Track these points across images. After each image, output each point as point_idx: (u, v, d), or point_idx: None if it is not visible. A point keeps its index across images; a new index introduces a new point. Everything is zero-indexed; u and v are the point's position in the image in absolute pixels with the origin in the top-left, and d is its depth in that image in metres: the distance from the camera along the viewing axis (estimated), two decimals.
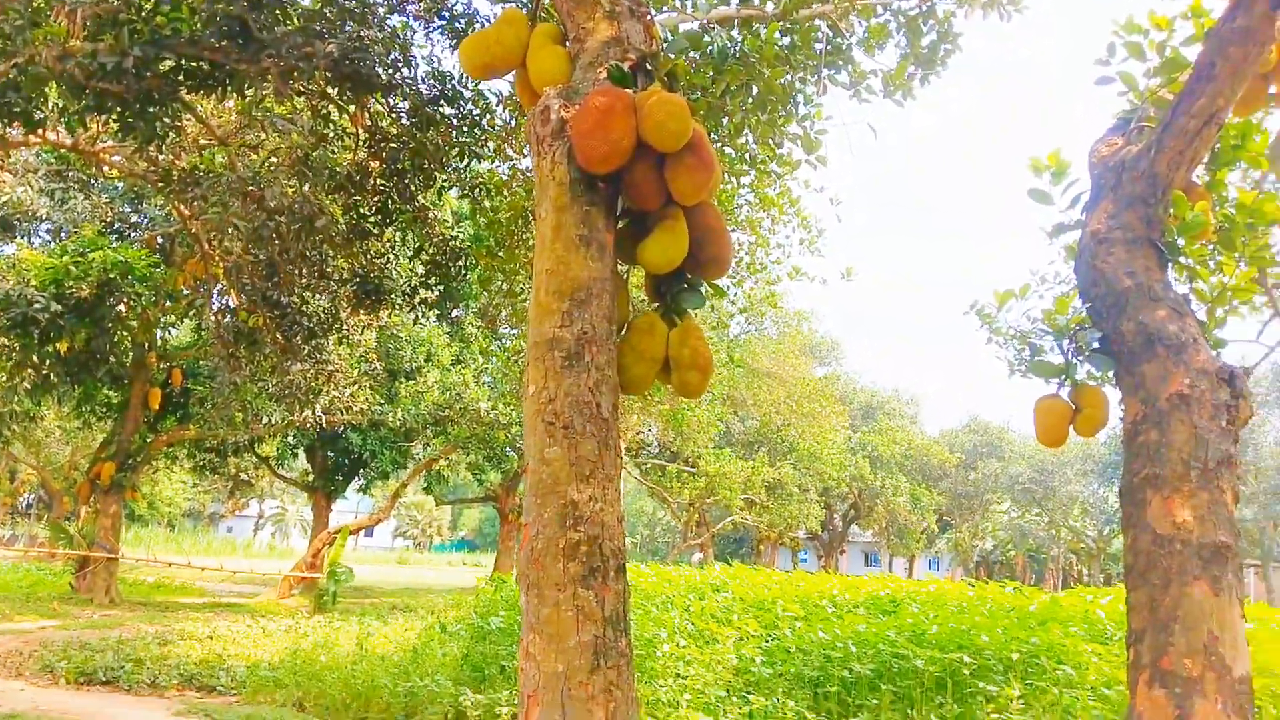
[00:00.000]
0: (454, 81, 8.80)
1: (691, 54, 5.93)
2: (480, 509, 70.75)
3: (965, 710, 7.10)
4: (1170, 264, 3.41)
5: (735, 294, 14.36)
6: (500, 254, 8.82)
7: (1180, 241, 3.43)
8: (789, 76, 6.86)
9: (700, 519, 36.43)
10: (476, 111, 8.97)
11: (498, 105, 9.10)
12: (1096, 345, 3.28)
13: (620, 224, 3.24)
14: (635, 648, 7.97)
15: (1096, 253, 3.28)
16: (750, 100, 6.70)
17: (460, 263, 10.26)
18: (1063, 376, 3.50)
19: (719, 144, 7.86)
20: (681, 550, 37.23)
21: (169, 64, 6.95)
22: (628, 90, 3.08)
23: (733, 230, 12.77)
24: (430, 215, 9.90)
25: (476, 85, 8.98)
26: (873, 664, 7.47)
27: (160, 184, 10.00)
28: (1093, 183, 3.64)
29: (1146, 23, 4.16)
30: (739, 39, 6.55)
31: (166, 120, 7.38)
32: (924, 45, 7.91)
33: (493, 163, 9.72)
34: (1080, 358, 3.47)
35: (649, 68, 3.27)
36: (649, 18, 3.51)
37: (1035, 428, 3.49)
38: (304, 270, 10.37)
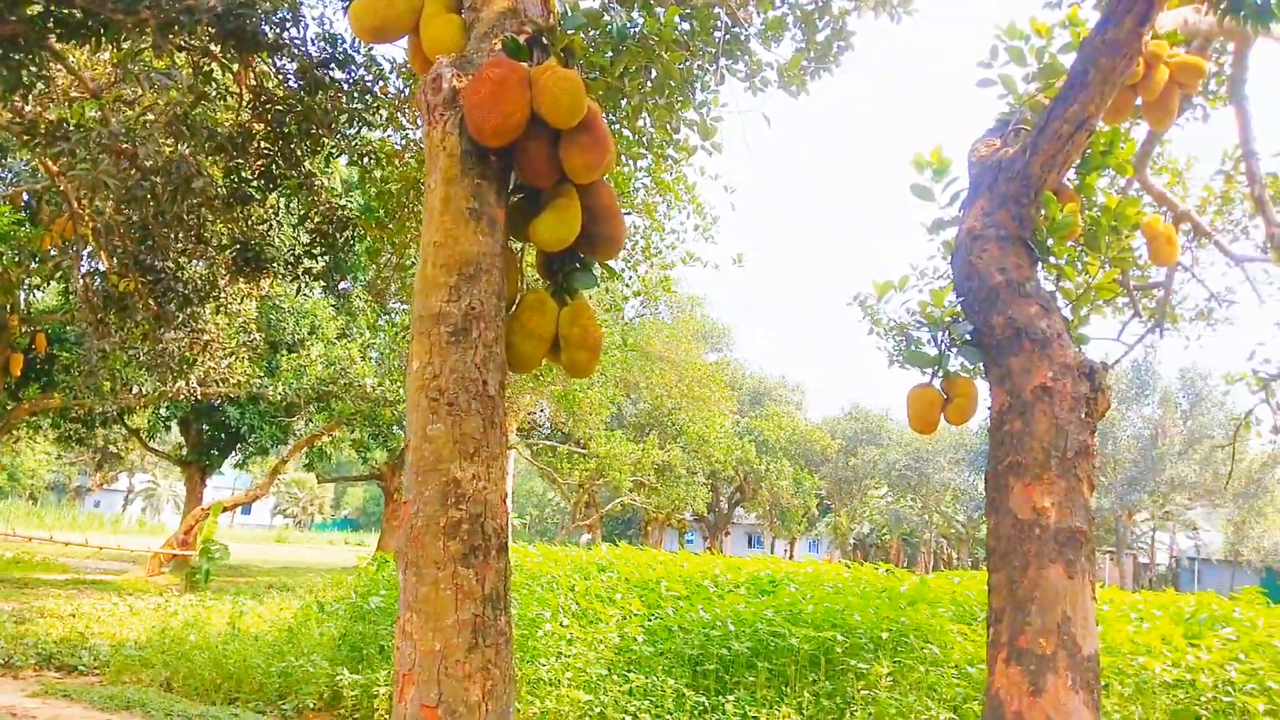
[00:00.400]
0: (345, 45, 8.50)
1: (590, 32, 5.89)
2: (365, 487, 69.19)
3: (837, 687, 7.36)
4: (1040, 262, 3.57)
5: (630, 277, 14.41)
6: (390, 226, 8.61)
7: (1050, 241, 3.60)
8: (687, 62, 6.89)
9: (590, 500, 36.58)
10: (369, 77, 8.69)
11: (391, 72, 8.84)
12: (968, 338, 3.42)
13: (513, 199, 3.20)
14: (518, 627, 7.99)
15: (971, 249, 3.41)
16: (649, 83, 6.71)
17: (348, 233, 9.95)
18: (936, 367, 3.64)
19: (617, 125, 7.85)
20: (570, 531, 37.31)
21: (37, 8, 6.50)
22: (523, 64, 3.04)
23: (628, 213, 12.78)
24: (317, 182, 9.56)
25: (369, 50, 8.69)
26: (750, 642, 7.65)
27: (25, 136, 9.35)
28: (971, 181, 3.78)
29: (1028, 29, 4.34)
30: (639, 21, 6.54)
31: (33, 69, 6.91)
32: (819, 40, 8.06)
33: (384, 131, 9.45)
34: (953, 349, 3.61)
35: (545, 42, 3.23)
36: None
37: (908, 415, 3.62)
38: (180, 234, 9.89)
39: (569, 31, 3.45)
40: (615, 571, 10.23)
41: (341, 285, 22.01)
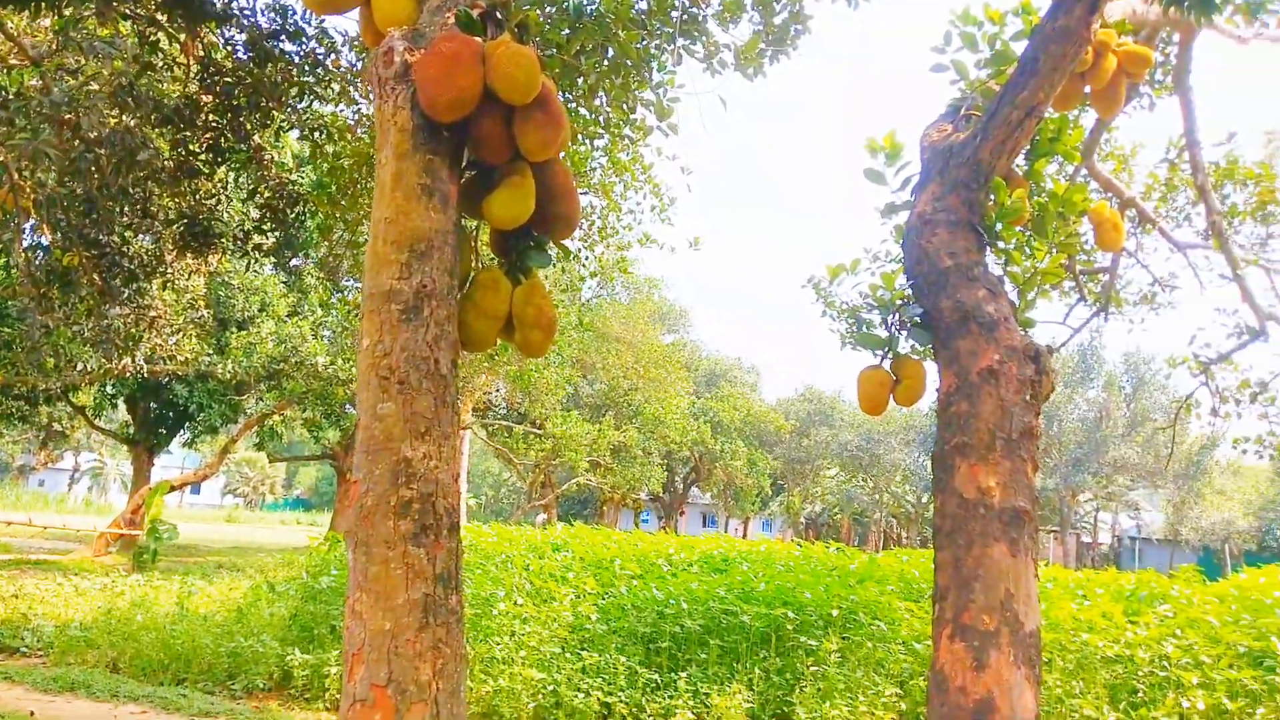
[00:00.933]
0: (296, 16, 8.32)
1: (547, 8, 5.83)
2: (317, 467, 68.47)
3: (787, 663, 7.47)
4: (988, 247, 3.63)
5: (587, 257, 14.36)
6: (343, 202, 8.48)
7: (999, 226, 3.65)
8: (644, 41, 6.86)
9: (546, 480, 36.55)
10: (320, 50, 8.52)
11: (344, 46, 8.68)
12: (918, 320, 3.46)
13: (466, 176, 3.17)
14: (472, 606, 7.98)
15: (922, 233, 3.46)
16: (605, 62, 6.68)
17: (299, 209, 9.77)
18: (885, 349, 3.69)
19: (573, 104, 7.80)
20: (526, 511, 37.28)
21: None
22: (476, 38, 3.00)
23: (585, 193, 12.73)
24: (267, 156, 9.37)
25: (321, 23, 8.53)
26: (703, 620, 7.74)
27: None
28: (923, 166, 3.82)
29: (982, 15, 4.38)
30: None
31: None
32: (776, 23, 8.06)
33: (337, 106, 9.29)
34: (903, 332, 3.66)
35: (499, 17, 3.20)
36: None
37: (858, 396, 3.67)
38: (125, 207, 9.62)
39: (524, 7, 3.42)
40: (570, 551, 10.26)
41: (293, 262, 21.65)
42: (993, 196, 3.66)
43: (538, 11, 6.01)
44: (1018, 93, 3.64)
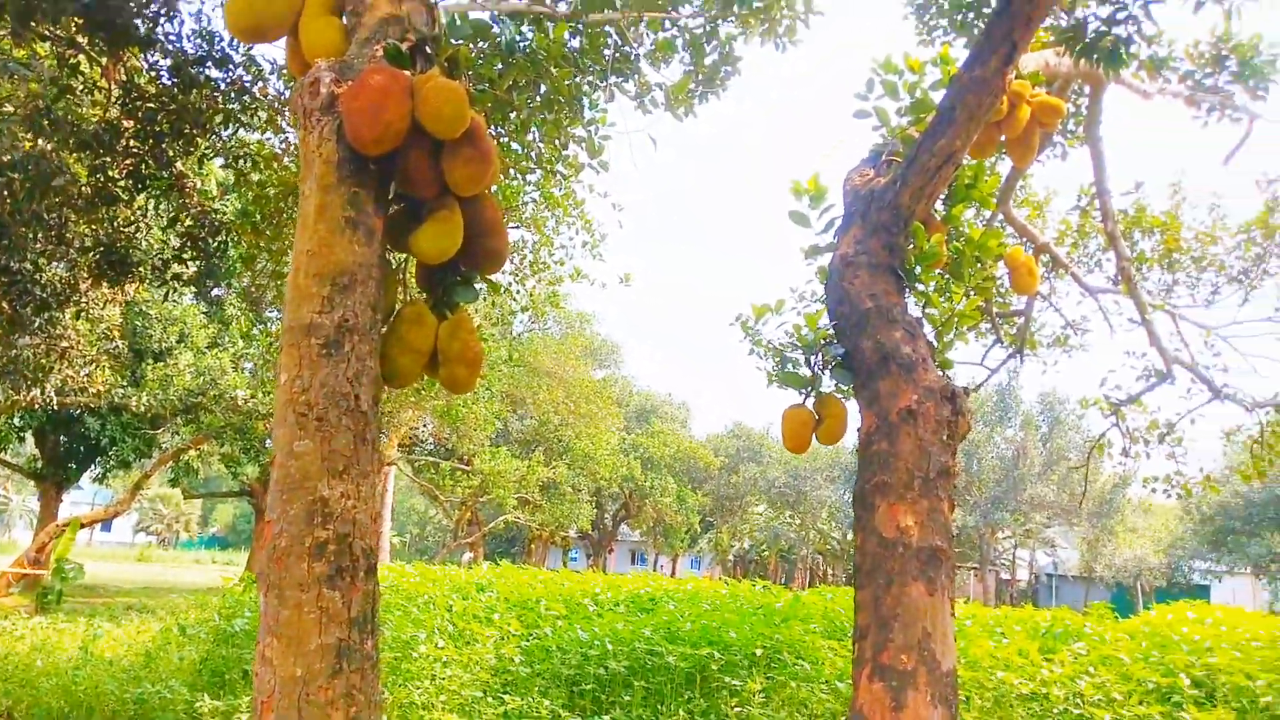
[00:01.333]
0: (223, 43, 8.20)
1: (479, 44, 5.85)
2: (235, 504, 66.32)
3: (712, 704, 7.42)
4: (908, 289, 3.72)
5: (519, 292, 14.32)
6: (268, 231, 8.33)
7: (918, 269, 3.75)
8: (576, 78, 6.92)
9: (473, 518, 36.01)
10: (247, 78, 8.39)
11: (272, 74, 8.57)
12: (840, 360, 3.53)
13: (393, 209, 3.14)
14: (392, 649, 7.77)
15: (844, 274, 3.53)
16: (537, 98, 6.72)
17: (221, 237, 9.56)
18: (809, 388, 3.74)
19: (505, 139, 7.83)
20: (451, 549, 36.62)
21: None
22: (405, 72, 2.99)
23: (517, 228, 12.73)
24: (189, 184, 9.17)
25: (249, 50, 8.42)
26: (628, 661, 7.66)
27: None
28: (845, 209, 3.91)
29: (903, 64, 4.52)
30: (529, 35, 6.54)
31: None
32: (706, 64, 8.22)
33: (263, 134, 9.15)
34: (825, 371, 3.72)
35: (429, 51, 3.19)
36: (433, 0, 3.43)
37: (782, 434, 3.71)
38: (39, 234, 9.29)
39: (454, 42, 3.42)
40: (494, 591, 10.09)
41: (214, 292, 21.11)
42: (912, 240, 3.76)
43: (469, 47, 6.02)
44: (936, 140, 3.76)
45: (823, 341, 3.72)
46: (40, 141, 8.05)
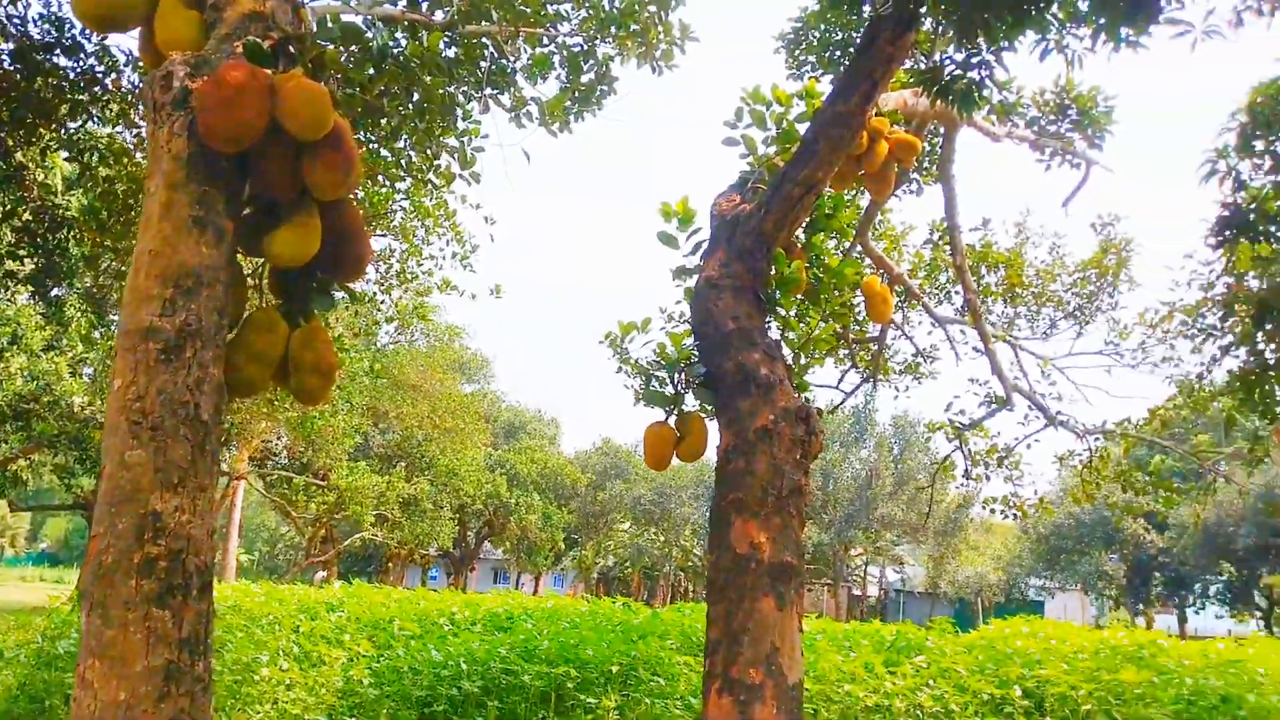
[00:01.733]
0: (75, 30, 7.71)
1: (350, 47, 5.70)
2: (68, 517, 61.90)
3: None
4: (769, 313, 3.82)
5: (384, 302, 13.96)
6: (114, 229, 7.85)
7: (778, 294, 3.85)
8: (450, 88, 6.84)
9: (328, 535, 34.73)
10: (99, 68, 7.91)
11: (127, 65, 8.11)
12: (702, 379, 3.59)
13: (247, 211, 3.01)
14: (231, 672, 7.39)
15: (709, 296, 3.60)
16: (409, 106, 6.60)
17: (62, 234, 8.95)
18: (672, 406, 3.79)
19: (375, 145, 7.65)
20: (304, 568, 35.16)
21: None
22: (266, 70, 2.88)
23: (384, 236, 12.42)
24: (30, 176, 8.56)
25: (104, 39, 7.95)
26: (482, 681, 7.53)
27: None
28: (712, 233, 3.99)
29: (771, 95, 4.66)
30: (402, 42, 6.43)
31: None
32: (583, 82, 8.26)
33: (114, 127, 8.63)
34: (688, 390, 3.78)
35: (293, 50, 3.08)
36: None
37: (644, 451, 3.75)
38: None
39: (321, 43, 3.31)
40: (345, 611, 9.74)
41: (53, 291, 19.71)
42: (774, 266, 3.87)
43: (339, 51, 5.85)
44: (799, 170, 3.89)
45: (686, 361, 3.78)
46: None
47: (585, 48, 7.99)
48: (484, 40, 7.39)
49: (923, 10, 3.98)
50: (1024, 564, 46.14)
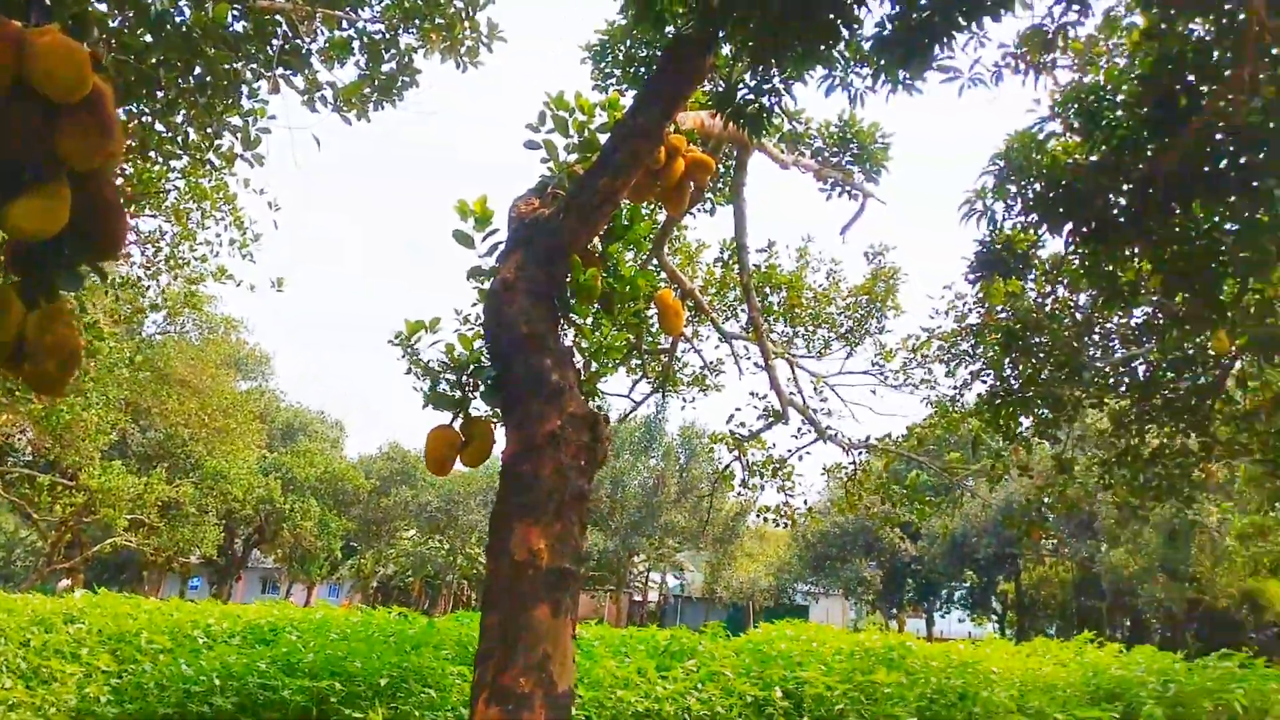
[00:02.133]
0: None
1: (126, 11, 5.27)
2: None
3: None
4: (563, 319, 3.82)
5: (150, 287, 12.89)
6: None
7: (573, 300, 3.87)
8: (237, 64, 6.43)
9: (75, 540, 31.56)
10: None
11: None
12: (491, 382, 3.53)
13: None
14: None
15: (503, 298, 3.56)
16: (190, 79, 6.16)
17: None
18: (458, 409, 3.71)
19: (148, 118, 7.07)
20: (45, 576, 31.76)
21: None
22: (15, 21, 2.59)
23: (155, 217, 11.51)
24: None
25: None
26: (237, 698, 7.09)
27: None
28: (509, 235, 3.96)
29: (574, 103, 4.68)
30: (185, 10, 5.99)
31: None
32: (383, 71, 8.03)
33: None
34: (476, 393, 3.71)
35: (47, 4, 2.79)
36: None
37: (425, 455, 3.64)
38: None
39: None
40: (86, 622, 8.86)
41: None
42: (570, 272, 3.88)
43: (114, 13, 5.38)
44: (599, 179, 3.93)
45: (476, 363, 3.71)
46: None
47: (387, 36, 7.75)
48: (277, 18, 7.02)
49: (722, 35, 4.13)
50: (793, 570, 48.74)
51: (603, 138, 4.48)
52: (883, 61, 4.43)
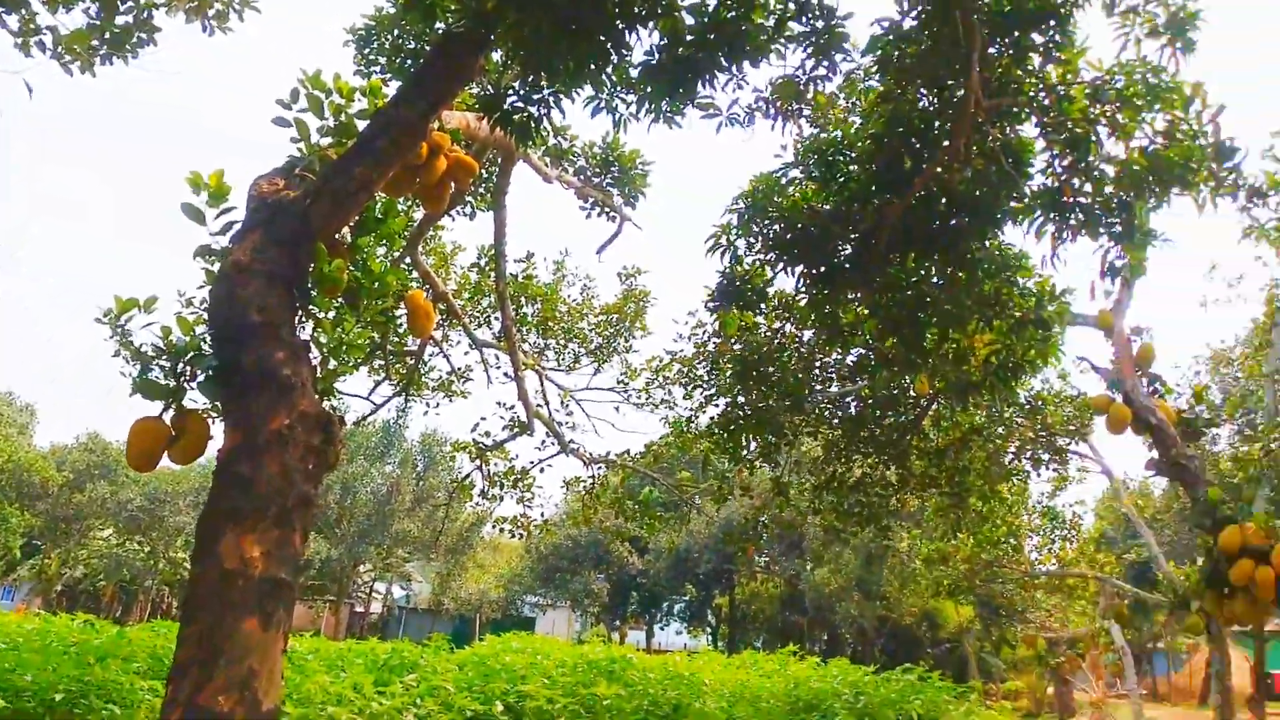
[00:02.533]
0: None
1: None
2: None
3: None
4: (301, 309, 3.58)
5: None
6: None
7: (314, 291, 3.63)
8: None
9: None
10: None
11: None
12: (212, 373, 3.22)
13: None
14: None
15: (235, 282, 3.27)
16: None
17: None
18: (170, 399, 3.36)
19: None
20: None
21: None
22: None
23: None
24: None
25: None
26: None
27: None
28: (248, 214, 3.66)
29: (332, 84, 4.42)
30: None
31: None
32: (117, 24, 7.37)
33: None
34: (192, 383, 3.37)
35: None
36: None
37: (127, 449, 3.27)
38: None
39: None
40: None
41: None
42: (314, 261, 3.64)
43: None
44: (354, 166, 3.74)
45: (195, 350, 3.37)
46: None
47: None
48: None
49: (493, 38, 4.07)
50: (523, 582, 48.78)
51: (361, 124, 4.27)
52: (649, 89, 4.55)
